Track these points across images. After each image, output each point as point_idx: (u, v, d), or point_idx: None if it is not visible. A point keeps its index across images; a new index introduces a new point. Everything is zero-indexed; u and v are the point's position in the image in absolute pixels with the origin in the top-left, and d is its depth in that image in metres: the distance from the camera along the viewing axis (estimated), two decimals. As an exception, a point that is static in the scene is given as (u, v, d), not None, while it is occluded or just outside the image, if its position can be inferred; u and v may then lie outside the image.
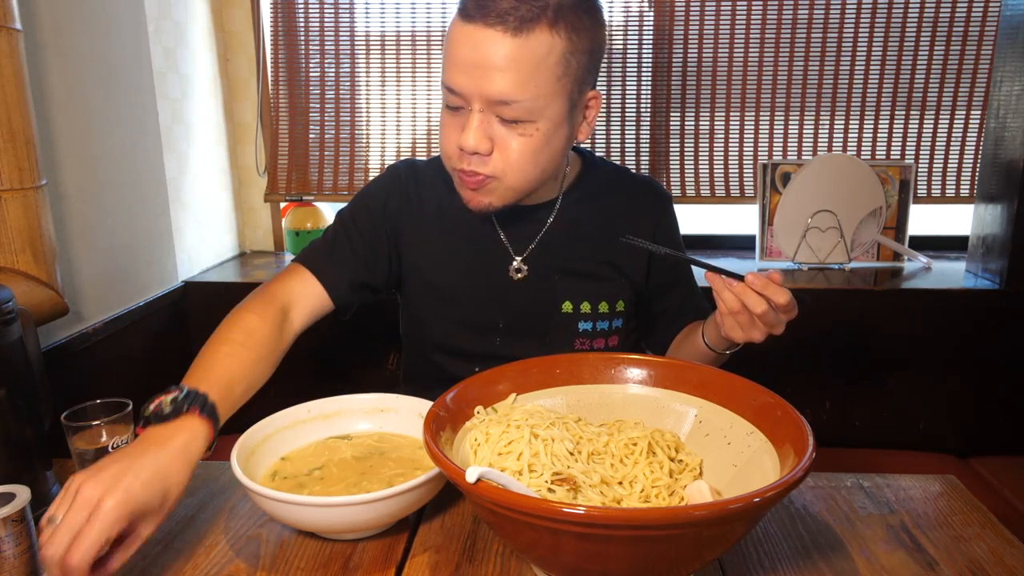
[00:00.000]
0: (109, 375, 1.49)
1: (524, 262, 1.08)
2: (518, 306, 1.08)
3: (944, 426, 1.77)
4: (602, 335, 1.10)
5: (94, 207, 1.44)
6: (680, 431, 0.84)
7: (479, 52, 0.87)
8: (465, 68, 0.88)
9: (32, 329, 0.89)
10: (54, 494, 0.88)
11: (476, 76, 0.88)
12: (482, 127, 0.90)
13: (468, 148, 0.91)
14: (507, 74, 0.87)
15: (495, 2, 0.86)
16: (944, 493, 0.90)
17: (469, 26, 0.87)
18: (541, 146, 0.93)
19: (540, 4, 0.86)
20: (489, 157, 0.92)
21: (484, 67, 0.87)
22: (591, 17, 0.91)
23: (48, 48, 1.30)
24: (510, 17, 0.85)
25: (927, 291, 1.72)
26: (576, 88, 0.93)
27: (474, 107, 0.90)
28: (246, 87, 2.06)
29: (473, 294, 1.09)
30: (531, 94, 0.88)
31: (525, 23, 0.85)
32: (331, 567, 0.76)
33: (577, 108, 0.95)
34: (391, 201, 1.10)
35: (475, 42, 0.87)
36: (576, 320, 1.08)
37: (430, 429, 0.72)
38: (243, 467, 0.78)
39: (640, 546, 0.60)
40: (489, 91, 0.88)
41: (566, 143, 0.97)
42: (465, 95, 0.90)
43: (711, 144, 2.06)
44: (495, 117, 0.90)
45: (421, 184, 1.11)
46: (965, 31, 1.94)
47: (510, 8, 0.85)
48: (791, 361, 1.76)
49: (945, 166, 2.03)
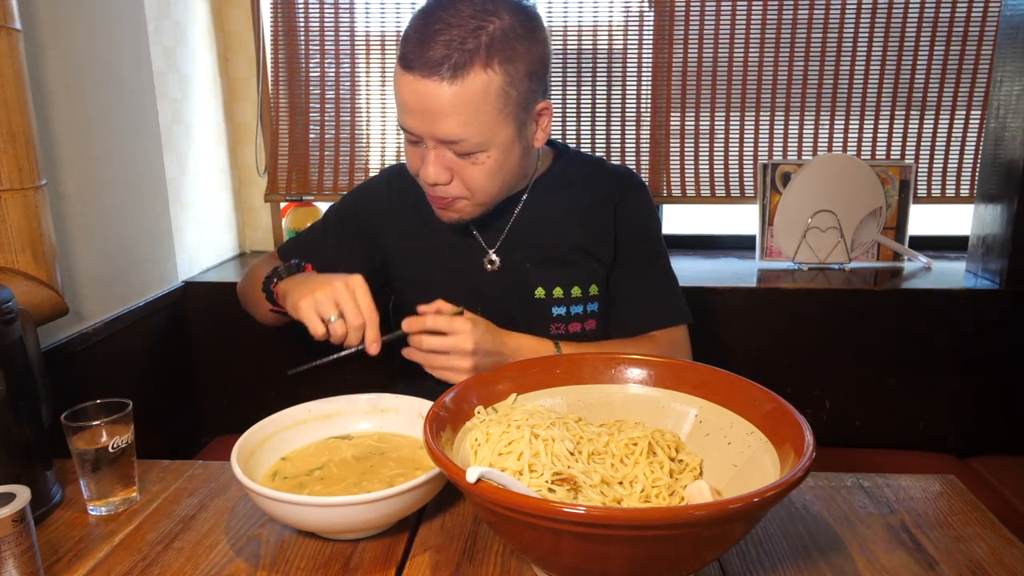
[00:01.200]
0: (109, 375, 1.49)
1: (496, 254, 1.13)
2: (494, 295, 1.13)
3: (944, 426, 1.77)
4: (577, 319, 1.13)
5: (94, 207, 1.43)
6: (680, 431, 0.84)
7: (421, 100, 0.92)
8: (412, 113, 0.94)
9: (32, 329, 0.89)
10: (54, 494, 0.88)
11: (423, 120, 0.94)
12: (439, 161, 0.97)
13: (429, 181, 0.98)
14: (450, 118, 0.92)
15: (429, 52, 0.90)
16: (944, 493, 0.90)
17: (409, 75, 0.92)
18: (496, 169, 0.99)
19: (470, 48, 0.90)
20: (451, 184, 0.99)
21: (428, 113, 0.92)
22: (528, 40, 0.94)
23: (48, 48, 1.30)
24: (443, 66, 0.89)
25: (927, 291, 1.72)
26: (522, 110, 0.97)
27: (428, 144, 0.96)
28: (246, 87, 2.06)
29: (451, 287, 1.13)
30: (476, 130, 0.93)
31: (459, 69, 0.90)
32: (331, 567, 0.76)
33: (527, 125, 1.00)
34: (374, 204, 1.18)
35: (415, 90, 0.92)
36: (550, 305, 1.12)
37: (430, 429, 0.72)
38: (243, 467, 0.78)
39: (640, 546, 0.60)
40: (437, 133, 0.94)
41: (522, 156, 1.03)
42: (417, 135, 0.96)
43: (711, 144, 2.06)
44: (450, 151, 0.97)
45: (405, 188, 1.17)
46: (965, 31, 1.94)
47: (442, 57, 0.89)
48: (791, 361, 1.76)
49: (945, 166, 2.03)
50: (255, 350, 1.83)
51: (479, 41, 0.90)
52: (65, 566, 0.76)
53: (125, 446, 0.86)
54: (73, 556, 0.78)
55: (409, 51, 0.92)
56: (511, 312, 1.11)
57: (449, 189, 1.00)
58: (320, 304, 0.91)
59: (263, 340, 1.82)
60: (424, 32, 0.91)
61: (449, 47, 0.89)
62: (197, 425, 1.87)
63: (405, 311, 1.17)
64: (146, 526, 0.84)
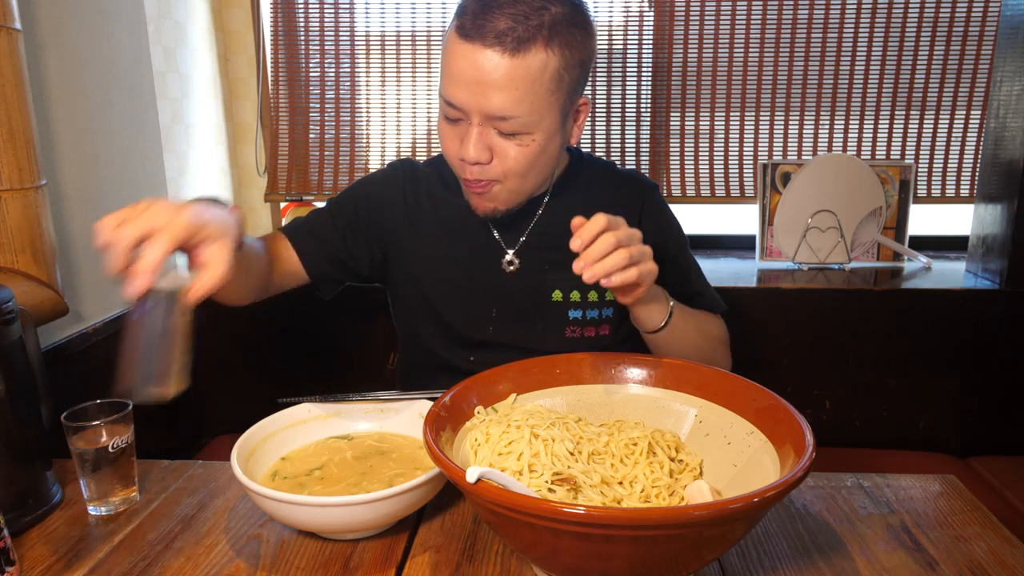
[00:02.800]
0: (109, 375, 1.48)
1: (516, 255, 1.12)
2: (510, 296, 1.12)
3: (944, 426, 1.77)
4: (592, 324, 1.12)
5: (94, 207, 1.43)
6: (680, 431, 0.84)
7: (478, 70, 0.90)
8: (464, 84, 0.91)
9: (32, 329, 0.89)
10: (54, 494, 0.88)
11: (475, 93, 0.91)
12: (481, 139, 0.94)
13: (469, 159, 0.95)
14: (505, 92, 0.90)
15: (493, 22, 0.88)
16: (944, 493, 0.90)
17: (468, 44, 0.90)
18: (538, 155, 0.97)
19: (535, 23, 0.89)
20: (489, 165, 0.96)
21: (482, 85, 0.90)
22: (583, 31, 0.95)
23: (48, 48, 1.29)
24: (507, 37, 0.88)
25: (927, 291, 1.72)
26: (569, 99, 0.97)
27: (473, 120, 0.94)
28: (246, 87, 2.06)
29: (468, 286, 1.13)
30: (527, 109, 0.92)
31: (522, 43, 0.88)
32: (331, 567, 0.76)
33: (568, 116, 1.00)
34: (383, 195, 1.15)
35: (473, 60, 0.90)
36: (566, 308, 1.11)
37: (430, 429, 0.72)
38: (243, 467, 0.78)
39: (640, 546, 0.60)
40: (487, 107, 0.91)
41: (560, 149, 1.02)
42: (464, 109, 0.93)
43: (711, 144, 2.06)
44: (493, 129, 0.94)
45: (418, 183, 1.16)
46: (965, 31, 1.94)
47: (507, 29, 0.88)
48: (791, 361, 1.76)
49: (945, 166, 2.03)
50: (255, 350, 1.83)
51: (543, 19, 0.90)
52: (65, 566, 0.76)
53: (125, 446, 0.86)
54: (73, 556, 0.78)
55: (469, 20, 0.90)
56: (526, 314, 1.11)
57: (487, 170, 0.97)
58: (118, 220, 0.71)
59: (263, 340, 1.82)
60: (488, 3, 0.90)
61: (515, 19, 0.88)
62: (197, 425, 1.87)
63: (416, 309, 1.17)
64: (146, 526, 0.84)
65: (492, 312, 1.12)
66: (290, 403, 0.93)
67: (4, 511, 0.75)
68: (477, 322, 1.12)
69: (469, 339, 1.13)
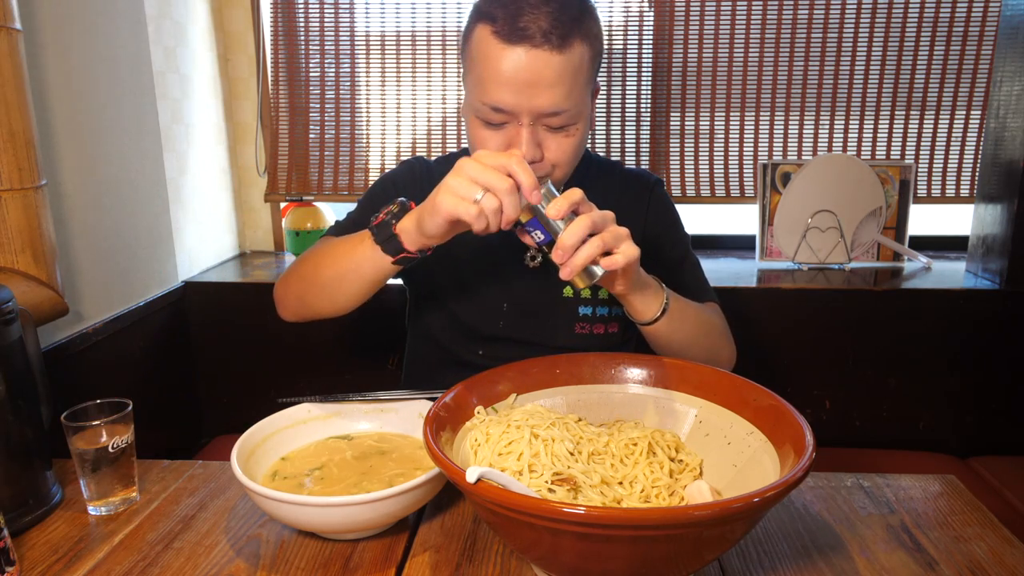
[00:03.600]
0: (109, 375, 1.49)
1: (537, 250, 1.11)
2: (523, 292, 1.12)
3: (944, 426, 1.77)
4: (602, 321, 1.13)
5: (94, 207, 1.43)
6: (680, 431, 0.84)
7: (529, 71, 0.91)
8: (513, 87, 0.92)
9: (32, 329, 0.89)
10: (54, 494, 0.88)
11: (526, 94, 0.92)
12: (533, 137, 0.95)
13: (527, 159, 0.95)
14: (556, 88, 0.92)
15: (536, 22, 0.90)
16: (944, 493, 0.90)
17: (514, 48, 0.90)
18: (581, 142, 1.00)
19: (569, 17, 0.91)
20: (541, 162, 0.98)
21: (535, 85, 0.91)
22: (597, 18, 0.98)
23: (48, 48, 1.30)
24: (553, 35, 0.90)
25: (927, 291, 1.72)
26: (593, 86, 1.01)
27: (523, 121, 0.94)
28: (246, 87, 2.06)
29: (482, 281, 1.13)
30: (575, 101, 0.94)
31: (565, 39, 0.90)
32: (331, 567, 0.76)
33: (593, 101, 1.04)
34: (407, 188, 1.15)
35: (523, 63, 0.91)
36: (576, 304, 1.12)
37: (430, 429, 0.72)
38: (243, 467, 0.78)
39: (640, 546, 0.60)
40: (540, 106, 0.93)
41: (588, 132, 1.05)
42: (514, 111, 0.94)
43: (711, 144, 2.06)
44: (542, 126, 0.96)
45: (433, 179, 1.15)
46: (965, 31, 1.94)
47: (551, 27, 0.90)
48: (791, 361, 1.76)
49: (945, 166, 2.03)
50: (255, 350, 1.83)
51: (574, 12, 0.92)
52: (65, 566, 0.76)
53: (125, 446, 0.86)
54: (73, 556, 0.78)
55: (507, 24, 0.90)
56: (537, 309, 1.12)
57: (538, 167, 0.98)
58: (457, 189, 0.80)
59: (263, 340, 1.82)
60: (520, 4, 0.90)
61: (554, 17, 0.90)
62: (197, 425, 1.87)
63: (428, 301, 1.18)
64: (146, 526, 0.84)
65: (503, 307, 1.12)
66: (290, 403, 0.93)
67: (4, 511, 0.75)
68: (488, 317, 1.13)
69: (479, 333, 1.13)
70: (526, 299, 1.12)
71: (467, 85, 1.00)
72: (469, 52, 0.97)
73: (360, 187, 2.08)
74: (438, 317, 1.16)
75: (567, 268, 0.80)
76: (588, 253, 0.80)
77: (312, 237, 1.96)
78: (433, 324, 1.17)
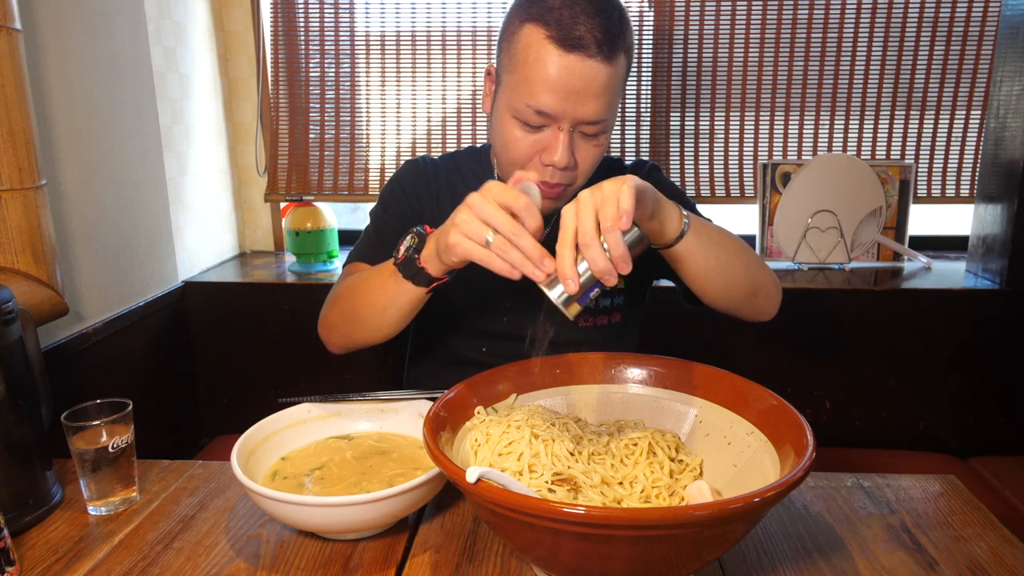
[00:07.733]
0: (109, 375, 1.49)
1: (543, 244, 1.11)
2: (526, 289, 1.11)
3: (944, 426, 1.77)
4: (604, 312, 1.13)
5: (94, 207, 1.43)
6: (680, 431, 0.84)
7: (581, 80, 0.91)
8: (561, 93, 0.92)
9: (32, 329, 0.89)
10: (54, 494, 0.88)
11: (573, 101, 0.92)
12: (570, 144, 0.96)
13: (562, 165, 0.96)
14: (600, 98, 0.93)
15: (591, 33, 0.90)
16: (944, 493, 0.90)
17: (569, 55, 0.91)
18: (604, 150, 1.01)
19: (616, 30, 0.92)
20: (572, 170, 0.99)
21: (582, 93, 0.92)
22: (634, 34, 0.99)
23: (48, 48, 1.30)
24: (605, 47, 0.91)
25: (927, 291, 1.72)
26: None
27: (563, 126, 0.95)
28: (246, 87, 2.06)
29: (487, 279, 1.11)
30: (612, 111, 0.96)
31: (614, 51, 0.92)
32: (331, 567, 0.76)
33: None
34: (414, 186, 1.16)
35: (576, 71, 0.91)
36: None
37: (430, 429, 0.72)
38: (243, 467, 0.78)
39: (640, 546, 0.60)
40: (583, 114, 0.93)
41: None
42: (556, 116, 0.94)
43: (711, 144, 2.06)
44: (577, 132, 0.96)
45: (439, 176, 1.17)
46: (965, 31, 1.94)
47: (604, 38, 0.90)
48: (791, 361, 1.76)
49: (945, 166, 2.03)
50: (255, 350, 1.83)
51: (621, 25, 0.93)
52: (65, 566, 0.76)
53: (125, 446, 0.86)
54: (73, 556, 0.78)
55: (564, 31, 0.90)
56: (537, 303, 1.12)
57: (569, 173, 0.98)
58: (466, 229, 0.80)
59: (263, 340, 1.82)
60: (577, 12, 0.91)
61: (605, 29, 0.90)
62: (197, 425, 1.87)
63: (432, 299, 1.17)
64: (146, 526, 0.84)
65: (507, 304, 1.13)
66: (290, 403, 0.93)
67: (4, 511, 0.75)
68: (492, 314, 1.13)
69: (483, 331, 1.14)
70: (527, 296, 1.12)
71: (507, 83, 0.98)
72: (514, 51, 0.95)
73: (360, 187, 2.08)
74: (442, 314, 1.15)
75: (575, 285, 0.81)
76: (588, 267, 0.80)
77: (312, 236, 1.96)
78: (436, 321, 1.16)
